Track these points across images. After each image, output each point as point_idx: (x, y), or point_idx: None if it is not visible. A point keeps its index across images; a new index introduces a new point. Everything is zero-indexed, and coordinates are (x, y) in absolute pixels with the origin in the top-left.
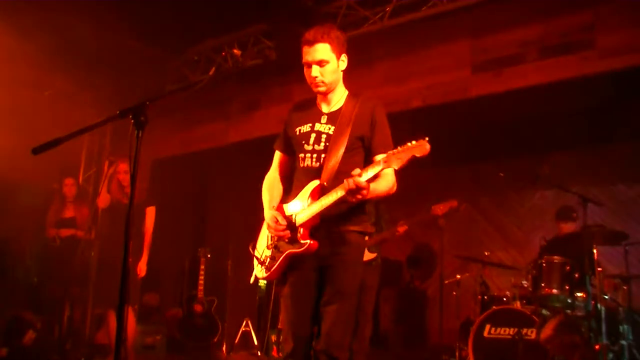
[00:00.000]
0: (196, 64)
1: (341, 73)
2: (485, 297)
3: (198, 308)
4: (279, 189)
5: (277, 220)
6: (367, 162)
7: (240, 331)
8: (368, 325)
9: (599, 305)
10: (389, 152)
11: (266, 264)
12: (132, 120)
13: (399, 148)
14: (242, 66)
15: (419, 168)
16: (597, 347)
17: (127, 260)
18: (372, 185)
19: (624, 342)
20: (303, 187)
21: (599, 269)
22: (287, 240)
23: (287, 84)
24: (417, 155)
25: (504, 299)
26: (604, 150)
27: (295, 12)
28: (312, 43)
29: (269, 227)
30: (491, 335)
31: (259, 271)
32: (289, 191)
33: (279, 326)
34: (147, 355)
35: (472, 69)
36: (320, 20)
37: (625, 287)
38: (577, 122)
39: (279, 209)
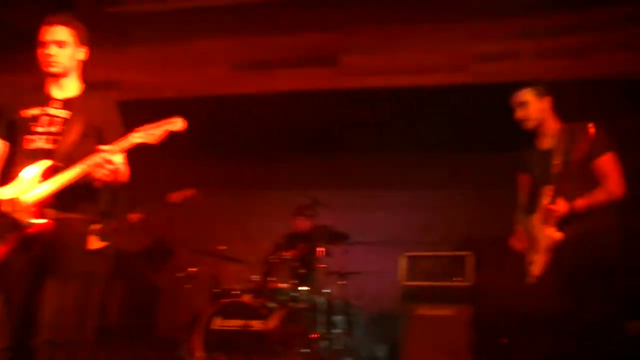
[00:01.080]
0: None
1: (78, 63)
2: (217, 291)
3: None
4: None
5: None
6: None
7: None
8: (94, 317)
9: (319, 298)
10: (144, 127)
11: None
12: None
13: (152, 124)
14: None
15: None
16: (314, 335)
17: None
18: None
19: (337, 331)
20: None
21: (322, 265)
22: (9, 220)
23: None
24: (172, 129)
25: (235, 293)
26: (335, 158)
27: None
28: (53, 24)
29: None
30: (220, 327)
31: None
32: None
33: None
34: None
35: (231, 67)
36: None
37: (342, 282)
38: (314, 130)
39: None
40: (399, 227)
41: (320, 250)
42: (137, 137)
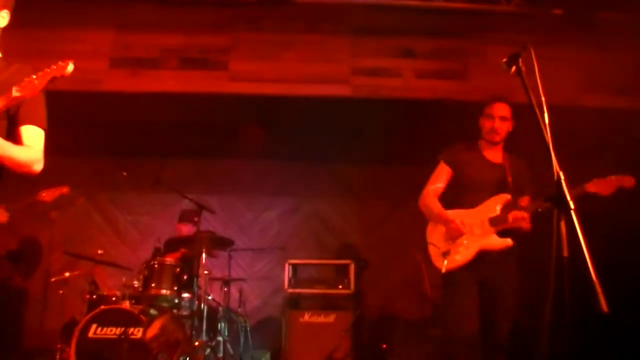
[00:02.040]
0: None
1: None
2: (94, 297)
3: None
4: None
5: None
6: (11, 132)
7: None
8: None
9: (202, 305)
10: (26, 79)
11: None
12: None
13: (37, 74)
14: None
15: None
16: (197, 343)
17: None
18: (12, 146)
19: (220, 338)
20: None
21: (205, 272)
22: None
23: None
24: (57, 75)
25: (113, 299)
26: (222, 163)
27: None
28: None
29: None
30: (97, 336)
31: None
32: None
33: None
34: None
35: (111, 63)
36: None
37: (225, 289)
38: (201, 134)
39: None
40: (283, 234)
41: (203, 256)
42: (16, 90)
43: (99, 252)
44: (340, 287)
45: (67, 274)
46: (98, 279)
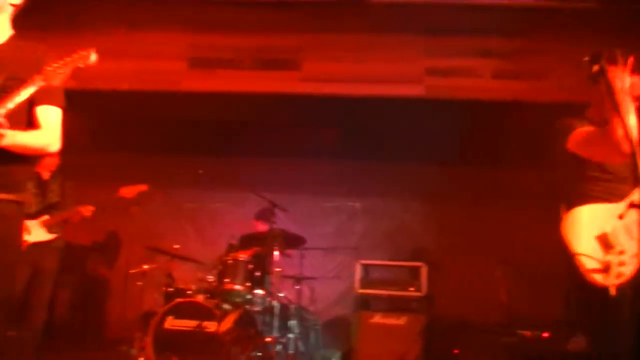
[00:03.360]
0: None
1: (10, 7)
2: (170, 289)
3: None
4: None
5: None
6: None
7: None
8: (42, 312)
9: (274, 302)
10: (48, 68)
11: None
12: None
13: (59, 62)
14: None
15: (116, 153)
16: (268, 339)
17: None
18: (19, 134)
19: (291, 335)
20: None
21: (277, 269)
22: None
23: None
24: (81, 65)
25: (189, 292)
26: (290, 161)
27: None
28: None
29: None
30: (172, 327)
31: None
32: None
33: None
34: None
35: (189, 64)
36: None
37: (297, 287)
38: (274, 134)
39: None
40: (355, 234)
41: (276, 253)
42: (40, 79)
43: (176, 246)
44: (411, 289)
45: (145, 267)
46: (174, 273)
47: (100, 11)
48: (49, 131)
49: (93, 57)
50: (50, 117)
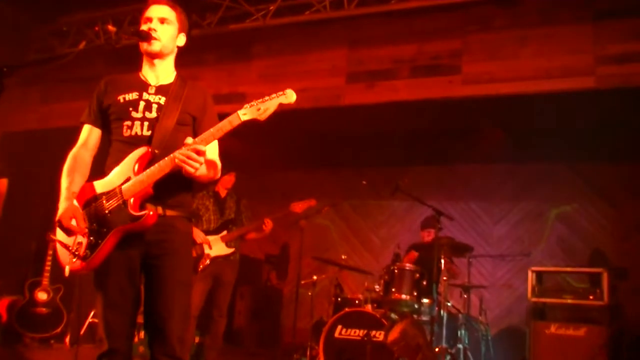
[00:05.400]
0: (65, 35)
1: (176, 48)
2: (339, 299)
3: (41, 296)
4: (85, 168)
5: (75, 217)
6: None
7: (87, 322)
8: (222, 321)
9: (442, 311)
10: (252, 105)
11: (81, 252)
12: None
13: (265, 98)
14: (114, 44)
15: (284, 170)
16: (437, 349)
17: None
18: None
19: (460, 346)
20: (126, 156)
21: (444, 278)
22: (109, 214)
23: None
24: (284, 102)
25: (357, 302)
26: (453, 168)
27: None
28: (160, 3)
29: (62, 223)
30: (342, 336)
31: (70, 262)
32: (101, 168)
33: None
34: None
35: (347, 78)
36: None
37: (465, 296)
38: (437, 141)
39: (87, 188)
40: (525, 240)
41: (443, 262)
42: (242, 114)
43: (343, 257)
44: (591, 297)
45: (315, 277)
46: (342, 283)
47: (269, 40)
48: (217, 163)
49: (294, 97)
50: (215, 149)
